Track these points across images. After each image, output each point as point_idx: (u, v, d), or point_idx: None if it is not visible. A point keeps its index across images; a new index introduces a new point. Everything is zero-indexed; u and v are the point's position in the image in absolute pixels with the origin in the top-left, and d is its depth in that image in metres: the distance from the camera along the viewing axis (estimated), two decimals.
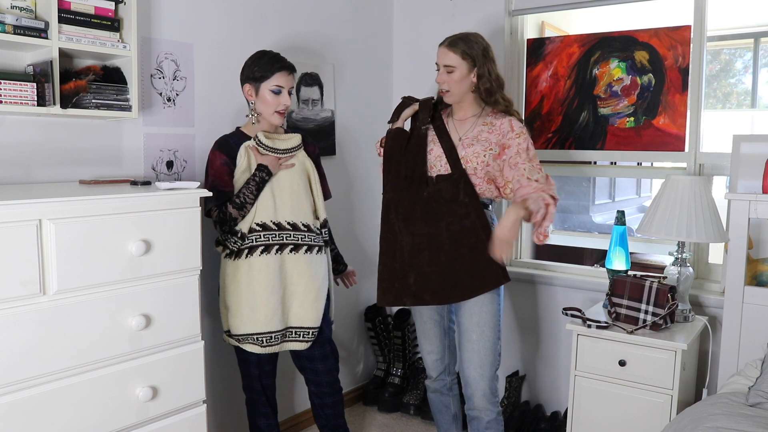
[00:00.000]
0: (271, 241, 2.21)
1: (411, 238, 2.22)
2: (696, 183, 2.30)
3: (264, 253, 2.20)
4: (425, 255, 2.20)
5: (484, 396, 2.26)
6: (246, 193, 2.16)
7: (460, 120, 2.30)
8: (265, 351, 2.25)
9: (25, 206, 1.55)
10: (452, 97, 2.25)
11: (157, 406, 1.85)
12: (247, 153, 2.19)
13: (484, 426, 2.29)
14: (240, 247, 2.20)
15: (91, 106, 1.96)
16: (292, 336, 2.29)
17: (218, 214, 2.18)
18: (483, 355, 2.23)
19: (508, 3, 3.00)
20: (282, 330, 2.26)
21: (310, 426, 3.05)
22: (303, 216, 2.27)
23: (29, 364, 1.58)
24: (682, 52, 2.62)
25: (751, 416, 1.76)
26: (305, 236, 2.27)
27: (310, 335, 2.29)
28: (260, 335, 2.22)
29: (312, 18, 2.91)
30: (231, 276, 2.22)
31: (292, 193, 2.24)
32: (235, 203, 2.16)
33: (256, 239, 2.20)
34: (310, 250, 2.27)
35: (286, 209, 2.23)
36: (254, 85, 2.19)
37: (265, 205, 2.20)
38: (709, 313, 2.56)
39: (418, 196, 2.22)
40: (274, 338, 2.24)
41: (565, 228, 3.79)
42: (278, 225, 2.22)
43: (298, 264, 2.25)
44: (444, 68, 2.21)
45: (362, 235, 3.28)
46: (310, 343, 2.30)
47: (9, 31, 1.76)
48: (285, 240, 2.23)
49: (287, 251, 2.23)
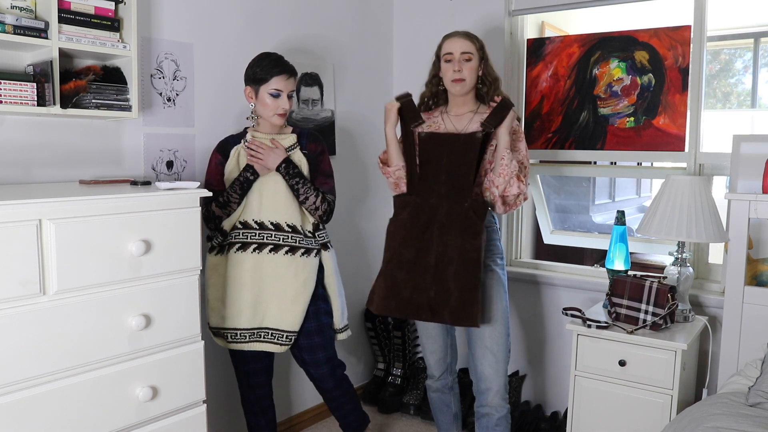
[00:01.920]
0: (250, 240, 2.21)
1: (442, 248, 2.13)
2: (696, 183, 2.30)
3: (240, 250, 2.21)
4: (452, 269, 2.11)
5: (498, 392, 2.25)
6: (230, 192, 2.18)
7: (457, 115, 2.31)
8: (231, 347, 2.27)
9: (25, 206, 1.55)
10: (466, 87, 2.24)
11: (157, 406, 1.85)
12: (236, 153, 2.21)
13: (495, 423, 2.28)
14: (221, 243, 2.23)
15: (91, 106, 1.96)
16: (267, 337, 2.26)
17: (204, 211, 2.18)
18: (496, 351, 2.22)
19: (508, 3, 3.00)
20: (252, 329, 2.24)
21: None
22: (289, 217, 2.22)
23: (29, 364, 1.58)
24: (682, 52, 2.62)
25: (751, 416, 1.76)
26: (288, 237, 2.23)
27: (284, 339, 2.24)
28: (226, 330, 2.25)
29: (312, 18, 2.91)
30: (211, 270, 2.25)
31: (279, 193, 2.22)
32: (218, 202, 2.19)
33: (235, 237, 2.22)
34: (292, 251, 2.23)
35: (270, 209, 2.21)
36: (254, 87, 2.19)
37: (251, 204, 2.21)
38: (709, 313, 2.56)
39: (459, 206, 2.14)
40: (240, 335, 2.24)
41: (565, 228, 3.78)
42: (260, 224, 2.21)
43: (276, 265, 2.22)
44: (462, 55, 2.21)
45: (362, 234, 3.28)
46: (287, 346, 2.26)
47: (9, 31, 1.76)
48: (265, 239, 2.21)
49: (266, 251, 2.22)
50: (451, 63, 2.23)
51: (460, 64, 2.21)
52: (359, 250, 3.26)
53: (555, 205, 3.77)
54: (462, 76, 2.21)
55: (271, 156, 2.18)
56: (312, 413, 3.08)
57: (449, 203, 2.15)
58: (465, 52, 2.21)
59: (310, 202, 2.25)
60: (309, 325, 2.27)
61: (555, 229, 3.28)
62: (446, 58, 2.24)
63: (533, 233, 3.30)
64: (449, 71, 2.23)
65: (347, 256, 3.16)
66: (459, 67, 2.21)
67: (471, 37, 2.26)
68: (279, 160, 2.19)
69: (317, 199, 2.25)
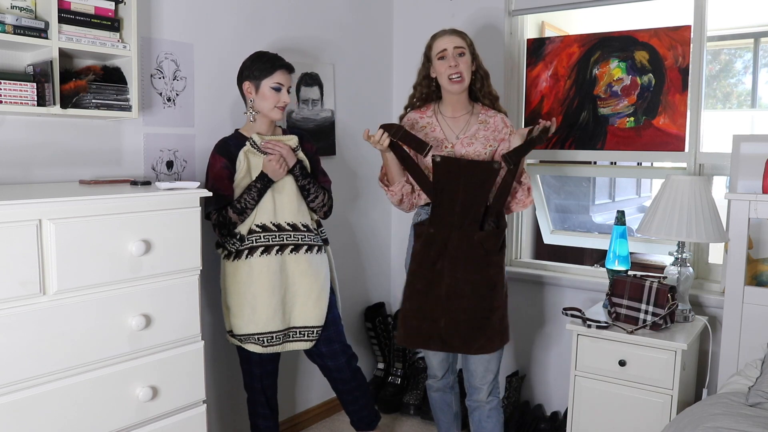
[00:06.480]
0: (272, 242, 2.22)
1: (452, 281, 2.12)
2: (696, 183, 2.30)
3: (264, 254, 2.21)
4: (463, 302, 2.12)
5: (488, 388, 2.30)
6: (247, 198, 2.18)
7: (453, 117, 2.31)
8: (267, 351, 2.26)
9: (25, 206, 1.55)
10: (463, 84, 2.24)
11: (157, 406, 1.85)
12: (246, 158, 2.20)
13: (486, 414, 2.32)
14: (239, 248, 2.21)
15: (91, 106, 1.96)
16: (296, 336, 2.30)
17: (217, 217, 2.19)
18: None
19: (508, 3, 3.00)
20: (284, 330, 2.27)
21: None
22: (302, 216, 2.29)
23: (29, 364, 1.58)
24: (682, 52, 2.62)
25: (751, 416, 1.76)
26: (305, 236, 2.28)
27: (314, 334, 2.30)
28: (261, 335, 2.23)
29: (312, 18, 2.91)
30: (231, 277, 2.23)
31: (291, 194, 2.26)
32: (235, 208, 2.18)
33: (256, 240, 2.21)
34: (310, 249, 2.29)
35: (285, 211, 2.25)
36: (254, 82, 2.20)
37: (265, 207, 2.22)
38: (709, 313, 2.56)
39: (469, 238, 2.12)
40: (275, 338, 2.25)
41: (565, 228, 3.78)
42: (278, 226, 2.24)
43: (299, 264, 2.26)
44: (455, 50, 2.21)
45: (362, 234, 3.28)
46: (314, 341, 2.31)
47: (9, 31, 1.76)
48: (285, 241, 2.24)
49: (288, 251, 2.25)
50: (445, 60, 2.22)
51: (455, 59, 2.21)
52: (359, 249, 3.26)
53: (555, 205, 3.77)
54: (459, 70, 2.21)
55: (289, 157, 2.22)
56: (315, 411, 3.09)
57: (460, 235, 2.12)
58: (457, 47, 2.22)
59: (318, 200, 2.32)
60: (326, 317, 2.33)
61: (555, 229, 3.28)
62: (440, 56, 2.23)
63: (533, 233, 3.30)
64: (444, 68, 2.22)
65: (347, 255, 3.16)
66: (455, 62, 2.20)
67: (460, 33, 2.26)
68: (293, 162, 2.24)
69: (324, 197, 2.34)
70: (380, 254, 3.40)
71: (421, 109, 2.36)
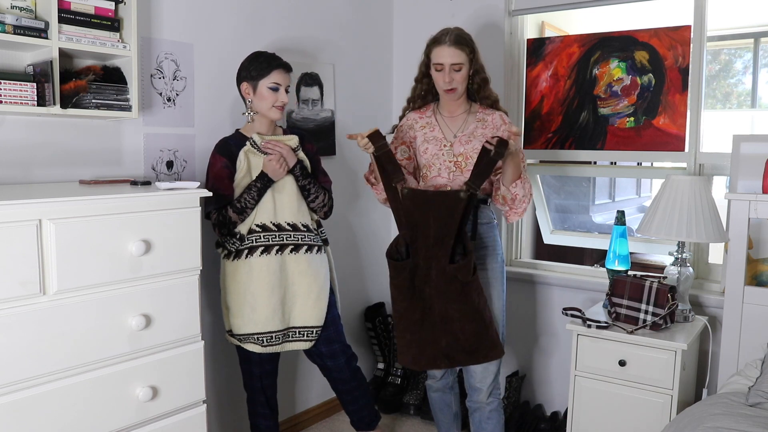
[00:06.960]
0: (271, 242, 2.22)
1: (442, 308, 2.12)
2: (696, 183, 2.30)
3: (264, 253, 2.21)
4: (456, 325, 2.12)
5: (488, 389, 2.30)
6: (247, 198, 2.18)
7: (451, 117, 2.31)
8: (266, 350, 2.26)
9: (25, 206, 1.55)
10: (457, 95, 2.26)
11: (157, 406, 1.85)
12: (246, 157, 2.20)
13: (487, 416, 2.33)
14: (239, 248, 2.21)
15: (91, 106, 1.96)
16: (296, 336, 2.30)
17: (217, 217, 2.19)
18: None
19: (508, 3, 3.00)
20: (283, 330, 2.27)
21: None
22: (302, 216, 2.29)
23: (29, 364, 1.58)
24: (682, 52, 2.62)
25: (751, 416, 1.76)
26: (305, 236, 2.29)
27: (313, 334, 2.31)
28: (261, 335, 2.23)
29: (312, 18, 2.91)
30: (231, 276, 2.23)
31: (291, 194, 2.26)
32: (235, 207, 2.18)
33: (256, 240, 2.21)
34: (310, 249, 2.29)
35: (285, 210, 2.25)
36: (252, 83, 2.20)
37: (265, 206, 2.22)
38: (709, 313, 2.56)
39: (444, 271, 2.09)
40: (274, 338, 2.25)
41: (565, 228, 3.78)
42: (278, 226, 2.24)
43: (299, 264, 2.26)
44: (451, 67, 2.19)
45: (362, 233, 3.28)
46: (314, 342, 2.32)
47: (9, 31, 1.76)
48: (285, 240, 2.24)
49: (288, 251, 2.25)
50: (441, 73, 2.21)
51: (450, 75, 2.20)
52: (359, 249, 3.26)
53: (555, 205, 3.77)
54: (453, 86, 2.21)
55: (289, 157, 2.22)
56: (315, 411, 3.09)
57: (438, 266, 2.09)
58: (455, 63, 2.18)
59: (319, 200, 2.32)
60: (326, 317, 2.33)
61: (555, 229, 3.28)
62: (436, 68, 2.23)
63: (533, 233, 3.30)
64: (440, 80, 2.23)
65: (347, 255, 3.17)
66: (449, 78, 2.20)
67: (461, 45, 2.19)
68: (293, 162, 2.24)
69: (325, 197, 2.35)
70: (380, 254, 3.40)
71: (420, 110, 2.38)
